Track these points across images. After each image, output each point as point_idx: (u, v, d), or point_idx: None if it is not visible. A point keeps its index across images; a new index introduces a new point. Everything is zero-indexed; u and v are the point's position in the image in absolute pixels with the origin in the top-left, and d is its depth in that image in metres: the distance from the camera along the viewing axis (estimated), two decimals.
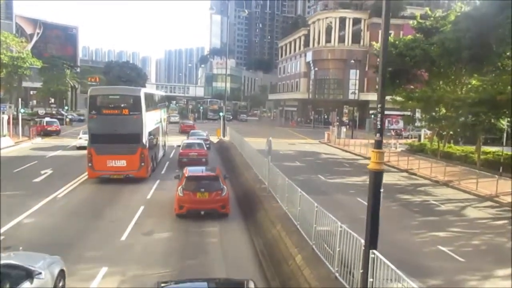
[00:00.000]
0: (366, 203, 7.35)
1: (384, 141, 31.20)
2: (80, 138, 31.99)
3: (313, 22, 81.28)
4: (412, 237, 13.72)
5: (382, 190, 7.09)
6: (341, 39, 76.31)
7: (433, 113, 31.91)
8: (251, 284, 6.83)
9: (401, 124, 76.84)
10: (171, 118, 59.70)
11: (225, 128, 41.31)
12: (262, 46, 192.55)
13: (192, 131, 37.71)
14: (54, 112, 67.98)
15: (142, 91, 21.30)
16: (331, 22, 76.99)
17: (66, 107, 67.43)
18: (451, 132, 33.19)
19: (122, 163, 19.63)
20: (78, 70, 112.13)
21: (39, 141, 37.11)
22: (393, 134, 57.87)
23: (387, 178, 24.79)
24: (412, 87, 38.04)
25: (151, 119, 22.58)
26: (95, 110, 19.93)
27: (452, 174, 24.76)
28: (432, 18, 32.75)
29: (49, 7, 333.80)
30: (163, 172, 23.45)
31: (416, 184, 23.31)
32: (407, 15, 76.15)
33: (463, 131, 27.88)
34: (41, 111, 68.11)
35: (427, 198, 19.64)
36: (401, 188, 22.30)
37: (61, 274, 8.33)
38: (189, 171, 15.32)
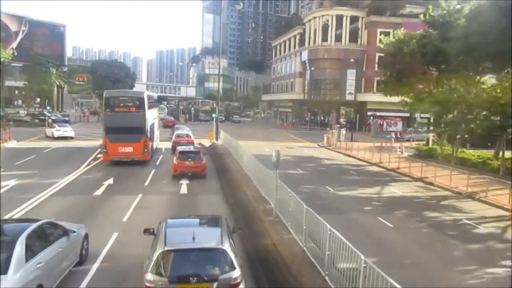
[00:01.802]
0: (390, 224, 6.50)
1: (388, 144, 28.60)
2: (58, 130, 39.09)
3: (309, 21, 78.42)
4: (464, 277, 10.65)
5: None
6: (338, 38, 73.52)
7: (450, 116, 29.09)
8: (223, 219, 8.94)
9: (399, 126, 74.47)
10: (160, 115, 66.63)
11: (218, 130, 38.07)
12: (255, 46, 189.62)
13: (176, 125, 46.42)
14: (36, 112, 64.12)
15: (145, 94, 27.43)
16: (327, 20, 74.18)
17: (48, 107, 63.36)
18: (466, 136, 30.49)
19: (129, 149, 24.91)
20: (66, 69, 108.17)
21: (13, 144, 33.61)
22: (393, 136, 55.26)
23: (402, 189, 21.93)
24: (421, 86, 35.29)
25: (150, 116, 27.63)
26: (109, 108, 25.36)
27: (475, 184, 21.90)
28: (445, 11, 29.90)
29: (37, 5, 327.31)
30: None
31: (437, 197, 20.37)
32: (406, 13, 73.88)
33: (489, 134, 25.04)
34: (23, 112, 64.44)
35: (457, 216, 16.68)
36: (423, 202, 19.37)
37: (86, 237, 10.32)
38: (180, 148, 23.34)
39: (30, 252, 7.49)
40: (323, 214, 8.97)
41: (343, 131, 48.71)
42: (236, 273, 7.23)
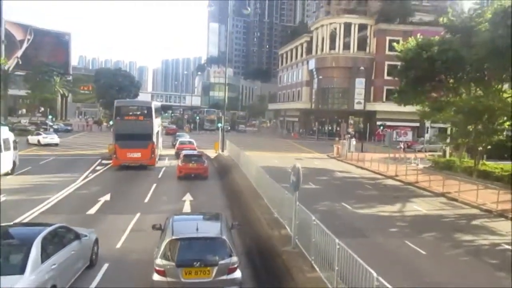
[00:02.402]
0: (422, 251, 8.42)
1: (401, 155, 26.56)
2: (45, 138, 41.07)
3: (316, 28, 77.06)
4: None
5: None
6: (346, 46, 72.00)
7: (472, 126, 27.25)
8: (222, 216, 10.10)
9: (409, 136, 72.44)
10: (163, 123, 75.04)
11: (224, 141, 36.36)
12: (260, 55, 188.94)
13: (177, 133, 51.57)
14: (38, 121, 62.91)
15: (152, 104, 29.83)
16: (335, 28, 72.75)
17: (50, 116, 62.14)
18: (488, 147, 28.60)
19: (138, 154, 26.42)
20: (70, 78, 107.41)
21: None
22: (402, 147, 53.36)
23: (426, 206, 20.00)
24: (434, 95, 33.51)
25: (156, 124, 29.43)
26: (119, 117, 27.30)
27: (504, 200, 19.96)
28: (466, 15, 28.20)
29: (45, 16, 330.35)
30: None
31: (466, 216, 18.45)
32: (416, 21, 72.29)
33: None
34: (24, 121, 63.30)
35: (494, 240, 14.77)
36: (452, 222, 17.44)
37: (96, 241, 10.57)
38: (184, 152, 25.88)
39: (45, 254, 7.83)
40: (346, 238, 8.46)
41: (353, 141, 46.79)
42: (234, 259, 8.26)
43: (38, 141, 40.72)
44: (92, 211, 16.08)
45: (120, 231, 13.16)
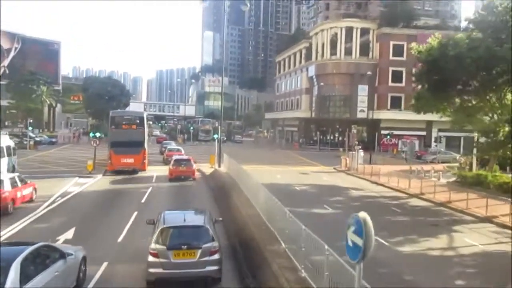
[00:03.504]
0: None
1: (418, 167, 21.51)
2: None
3: (316, 34, 73.53)
4: None
5: None
6: (348, 52, 68.39)
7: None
8: (207, 211, 11.74)
9: (416, 146, 68.57)
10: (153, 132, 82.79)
11: (221, 154, 32.12)
12: (256, 64, 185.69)
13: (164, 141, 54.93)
14: (20, 133, 58.21)
15: (144, 114, 34.05)
16: (336, 33, 69.17)
17: (30, 128, 57.54)
18: None
19: (131, 160, 28.92)
20: (60, 87, 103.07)
21: None
22: (405, 157, 49.40)
23: (478, 238, 15.51)
24: (459, 100, 29.58)
25: (147, 132, 33.00)
26: (114, 126, 30.01)
27: None
28: (499, 8, 24.37)
29: (37, 26, 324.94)
30: None
31: None
32: (421, 25, 68.95)
33: None
34: (4, 132, 58.64)
35: None
36: None
37: (84, 259, 9.97)
38: (174, 157, 30.05)
39: (25, 277, 7.35)
40: None
41: (361, 153, 42.64)
42: (215, 244, 9.80)
43: None
44: None
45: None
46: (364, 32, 68.69)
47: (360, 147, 40.93)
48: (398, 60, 65.29)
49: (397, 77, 65.76)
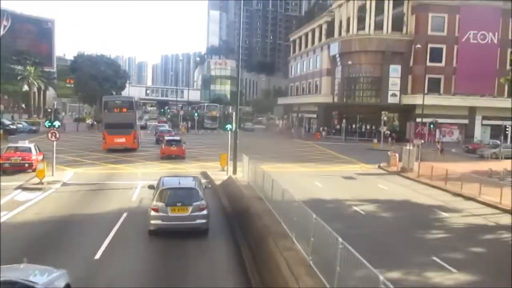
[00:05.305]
0: None
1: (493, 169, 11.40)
2: None
3: (340, 6, 63.59)
4: None
5: None
6: (378, 26, 58.43)
7: None
8: (197, 177, 15.34)
9: (455, 135, 59.25)
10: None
11: (237, 150, 22.53)
12: (264, 47, 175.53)
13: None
14: None
15: (134, 99, 39.47)
16: (364, 5, 59.21)
17: (4, 113, 48.73)
18: None
19: (123, 140, 33.09)
20: (54, 69, 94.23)
21: None
22: (439, 148, 40.45)
23: None
24: None
25: (137, 115, 39.60)
26: (107, 109, 34.50)
27: None
28: None
29: (40, 5, 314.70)
30: None
31: None
32: None
33: None
34: None
35: None
36: None
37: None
38: (166, 138, 32.98)
39: None
40: None
41: (410, 146, 33.39)
42: (203, 202, 12.43)
43: None
44: None
45: None
46: (398, 3, 58.44)
47: (419, 139, 31.62)
48: (438, 36, 55.90)
49: (436, 55, 56.38)
